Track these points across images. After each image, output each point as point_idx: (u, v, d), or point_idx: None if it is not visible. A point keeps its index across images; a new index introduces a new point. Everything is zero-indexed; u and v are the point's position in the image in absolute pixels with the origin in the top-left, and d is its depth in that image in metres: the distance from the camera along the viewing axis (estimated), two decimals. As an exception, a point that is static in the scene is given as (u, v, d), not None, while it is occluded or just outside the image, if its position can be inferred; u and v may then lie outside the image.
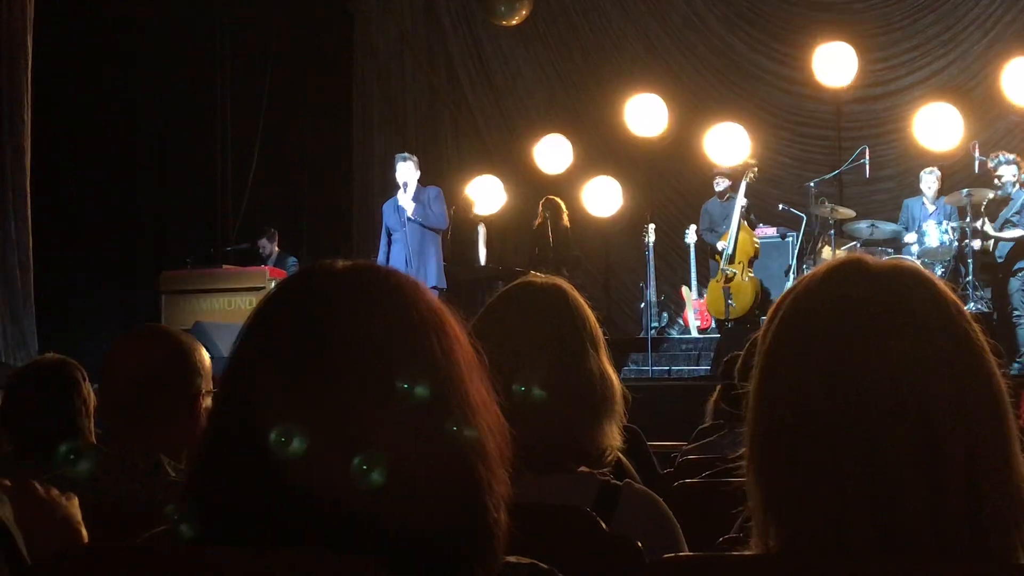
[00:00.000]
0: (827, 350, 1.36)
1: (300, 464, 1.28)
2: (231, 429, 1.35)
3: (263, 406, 1.30)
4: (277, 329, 1.38)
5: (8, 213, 9.87)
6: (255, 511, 1.30)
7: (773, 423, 1.38)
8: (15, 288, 9.87)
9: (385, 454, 1.27)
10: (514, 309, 2.30)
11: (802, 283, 1.45)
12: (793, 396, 1.36)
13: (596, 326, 2.30)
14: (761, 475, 1.39)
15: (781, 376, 1.39)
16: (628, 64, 14.05)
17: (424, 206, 10.26)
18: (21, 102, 9.97)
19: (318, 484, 1.28)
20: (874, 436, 1.31)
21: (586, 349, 2.24)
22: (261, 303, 1.43)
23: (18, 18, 9.95)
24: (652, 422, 6.07)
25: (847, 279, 1.41)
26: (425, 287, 1.44)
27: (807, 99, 13.55)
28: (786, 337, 1.41)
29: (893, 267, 1.42)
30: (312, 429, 1.27)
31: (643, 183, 13.10)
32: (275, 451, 1.28)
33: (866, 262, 1.43)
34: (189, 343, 2.72)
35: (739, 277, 11.36)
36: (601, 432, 2.22)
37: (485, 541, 1.34)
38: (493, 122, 14.72)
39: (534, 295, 2.32)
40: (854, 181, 12.59)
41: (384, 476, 1.26)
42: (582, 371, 2.21)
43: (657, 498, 2.25)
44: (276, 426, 1.28)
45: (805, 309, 1.42)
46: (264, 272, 11.21)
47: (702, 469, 3.34)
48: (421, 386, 1.31)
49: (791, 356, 1.39)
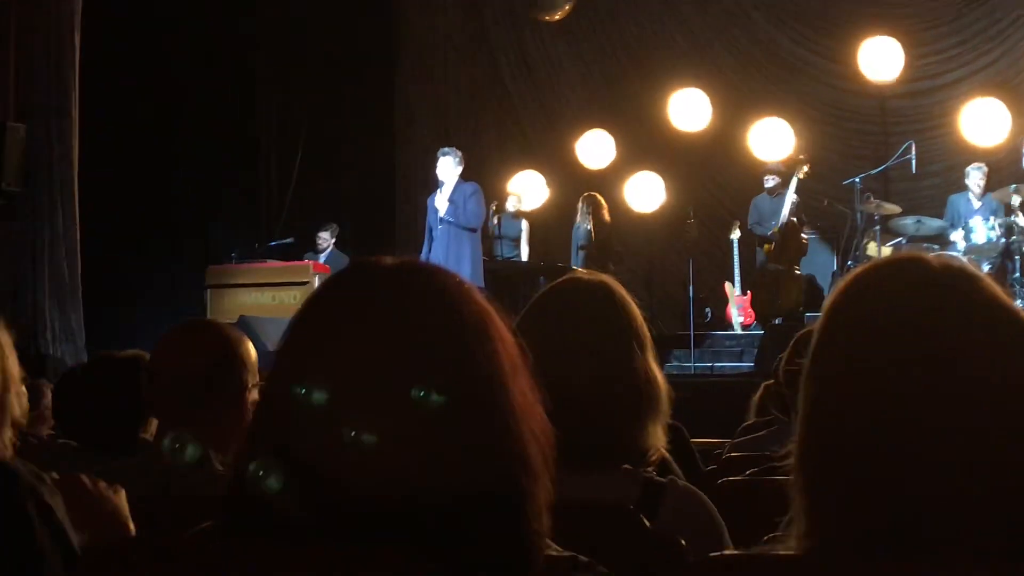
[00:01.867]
0: (883, 348, 1.34)
1: (341, 459, 1.29)
2: (276, 423, 1.36)
3: (308, 400, 1.30)
4: (322, 325, 1.39)
5: (56, 208, 9.97)
6: (300, 502, 1.31)
7: (824, 420, 1.37)
8: (63, 282, 9.97)
9: (422, 456, 1.28)
10: (559, 307, 2.28)
11: (858, 279, 1.43)
12: (845, 390, 1.35)
13: (643, 325, 2.27)
14: (808, 472, 1.38)
15: (834, 373, 1.37)
16: (671, 59, 13.99)
17: (457, 205, 10.25)
18: (69, 97, 10.08)
19: (359, 480, 1.29)
20: (928, 433, 1.30)
21: (631, 349, 2.21)
22: (309, 298, 1.43)
23: (66, 15, 10.05)
24: (695, 419, 6.04)
25: (905, 273, 1.40)
26: (473, 287, 1.43)
27: (852, 94, 13.44)
28: (840, 334, 1.40)
29: (949, 263, 1.40)
30: (353, 423, 1.28)
31: (686, 178, 13.06)
32: (318, 446, 1.29)
33: (926, 260, 1.41)
34: (236, 337, 2.72)
35: (786, 274, 11.31)
36: (644, 433, 2.20)
37: (524, 550, 1.34)
38: (535, 117, 14.71)
39: (580, 293, 2.29)
40: (900, 177, 12.48)
41: (418, 478, 1.27)
42: (626, 371, 2.18)
43: (702, 495, 2.23)
44: (319, 421, 1.29)
45: (861, 305, 1.40)
46: (308, 267, 11.26)
47: (746, 466, 3.32)
48: (459, 391, 1.31)
49: (845, 353, 1.37)
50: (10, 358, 1.76)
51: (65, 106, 10.05)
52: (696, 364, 11.14)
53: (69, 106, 10.07)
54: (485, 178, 11.79)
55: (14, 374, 1.77)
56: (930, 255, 1.43)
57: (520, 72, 14.73)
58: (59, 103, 10.03)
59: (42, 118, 9.97)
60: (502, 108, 14.79)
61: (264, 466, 1.29)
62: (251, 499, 1.32)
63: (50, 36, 10.00)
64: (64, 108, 10.05)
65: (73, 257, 10.08)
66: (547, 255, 12.70)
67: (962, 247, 10.80)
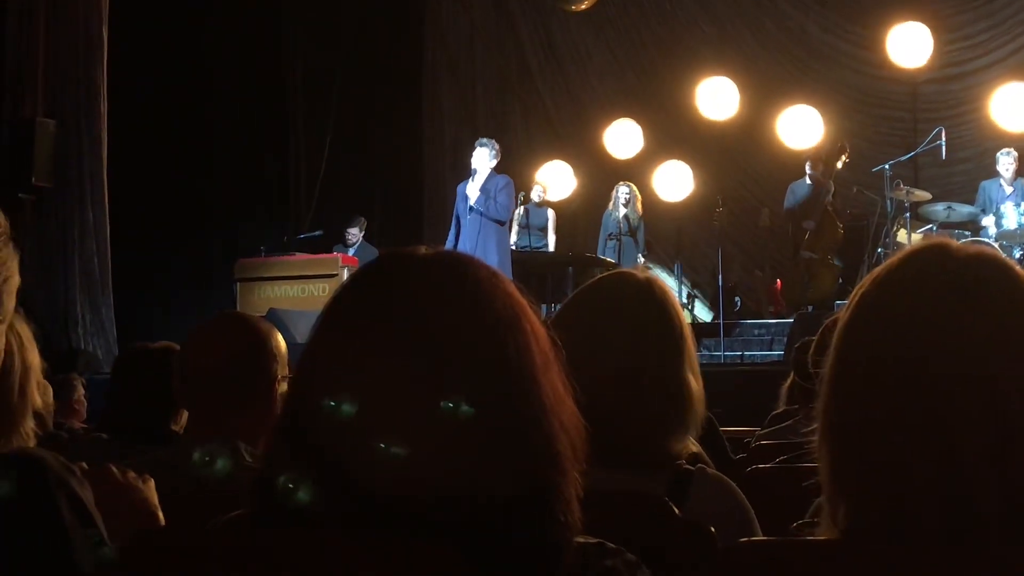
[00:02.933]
0: (906, 332, 1.34)
1: (369, 452, 1.28)
2: (305, 415, 1.36)
3: (336, 393, 1.30)
4: (353, 316, 1.39)
5: (86, 202, 10.04)
6: (327, 496, 1.31)
7: (847, 403, 1.36)
8: (93, 276, 10.04)
9: (452, 450, 1.28)
10: (599, 305, 2.22)
11: (885, 266, 1.44)
12: (869, 377, 1.35)
13: (684, 331, 2.21)
14: (832, 454, 1.37)
15: (858, 356, 1.37)
16: (699, 47, 13.95)
17: (488, 196, 10.25)
18: (98, 93, 10.14)
19: (389, 474, 1.29)
20: (950, 420, 1.29)
21: (664, 353, 2.16)
22: (340, 288, 1.43)
23: (94, 10, 10.11)
24: (725, 408, 6.03)
25: (929, 261, 1.39)
26: (507, 280, 1.42)
27: (882, 80, 13.37)
28: (865, 318, 1.40)
29: (976, 252, 1.39)
30: (380, 419, 1.28)
31: (714, 167, 13.02)
32: (350, 439, 1.29)
33: (949, 246, 1.41)
34: (266, 329, 2.72)
35: (820, 262, 11.27)
36: (668, 441, 2.16)
37: (553, 543, 1.33)
38: (563, 108, 14.70)
39: (622, 289, 2.23)
40: (930, 163, 12.40)
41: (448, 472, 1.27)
42: (656, 377, 2.13)
43: (731, 483, 2.22)
44: (351, 416, 1.29)
45: (886, 291, 1.40)
46: (336, 259, 11.28)
47: (775, 454, 3.31)
48: (490, 384, 1.31)
49: (869, 336, 1.37)
50: (31, 350, 1.78)
51: (94, 101, 10.12)
52: (726, 353, 11.12)
53: (98, 101, 10.13)
54: (513, 169, 11.78)
55: (35, 365, 1.79)
56: (959, 242, 1.42)
57: (547, 62, 14.72)
58: (88, 98, 10.09)
59: (72, 114, 10.04)
60: (530, 99, 14.79)
61: (294, 479, 1.30)
62: (279, 492, 1.33)
63: (78, 31, 10.06)
64: (93, 103, 10.11)
65: (104, 252, 10.14)
66: (575, 245, 12.69)
67: (993, 233, 10.72)
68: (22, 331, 1.76)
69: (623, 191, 11.91)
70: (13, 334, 1.73)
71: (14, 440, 1.74)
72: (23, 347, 1.76)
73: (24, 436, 1.75)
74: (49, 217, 9.91)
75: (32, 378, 1.78)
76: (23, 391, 1.76)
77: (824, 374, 1.41)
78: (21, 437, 1.75)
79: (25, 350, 1.76)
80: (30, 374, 1.77)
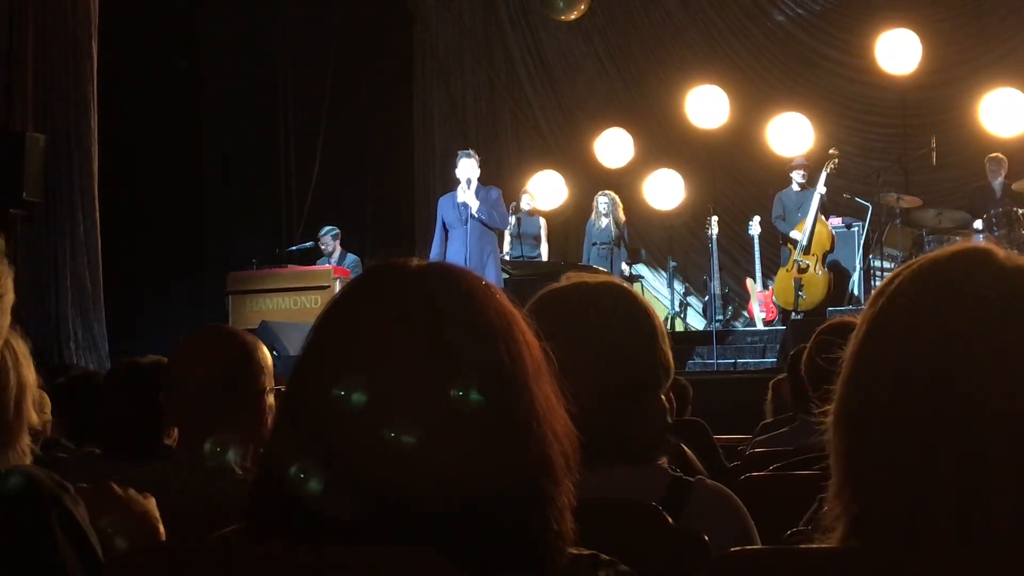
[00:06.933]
0: (939, 336, 1.31)
1: (364, 461, 1.29)
2: (300, 425, 1.36)
3: (329, 403, 1.31)
4: (346, 327, 1.39)
5: (77, 217, 10.01)
6: (324, 506, 1.31)
7: (867, 403, 1.34)
8: (85, 291, 10.02)
9: (446, 459, 1.28)
10: (570, 311, 2.10)
11: (919, 265, 1.39)
12: (893, 378, 1.32)
13: (654, 320, 2.14)
14: (849, 451, 1.35)
15: (882, 357, 1.34)
16: (688, 55, 13.99)
17: (489, 206, 10.25)
18: (88, 106, 10.11)
19: (382, 481, 1.29)
20: (974, 430, 1.27)
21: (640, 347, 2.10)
22: (333, 300, 1.43)
23: (83, 23, 10.10)
24: (718, 415, 6.04)
25: (976, 265, 1.35)
26: (498, 290, 1.43)
27: (871, 87, 13.40)
28: (900, 314, 1.36)
29: (1021, 264, 1.36)
30: (376, 429, 1.28)
31: (705, 175, 13.03)
32: (341, 448, 1.29)
33: (996, 253, 1.37)
34: (252, 341, 2.74)
35: (812, 269, 11.27)
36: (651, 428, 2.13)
37: (545, 552, 1.34)
38: (553, 117, 14.72)
39: (584, 295, 2.14)
40: (920, 169, 12.44)
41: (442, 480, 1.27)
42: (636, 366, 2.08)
43: (731, 494, 2.19)
44: (341, 424, 1.29)
45: (926, 290, 1.36)
46: (329, 271, 11.28)
47: (770, 462, 3.32)
48: (483, 394, 1.31)
49: (904, 334, 1.33)
50: (27, 367, 1.78)
51: (84, 115, 10.09)
52: (719, 361, 11.12)
53: (88, 115, 10.11)
54: (504, 179, 11.81)
55: (31, 383, 1.79)
56: (1004, 251, 1.38)
57: (537, 72, 14.75)
58: (78, 112, 10.07)
59: (62, 128, 10.02)
60: (520, 109, 14.81)
61: (305, 469, 1.30)
62: (276, 502, 1.33)
63: (67, 45, 10.04)
64: (83, 117, 10.09)
65: (95, 266, 10.12)
66: (567, 254, 12.70)
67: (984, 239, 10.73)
68: (18, 348, 1.76)
69: (602, 200, 11.98)
70: (9, 351, 1.73)
71: (10, 457, 1.73)
72: (19, 364, 1.76)
73: (20, 453, 1.75)
74: (40, 232, 9.88)
75: (28, 395, 1.78)
76: (19, 408, 1.76)
77: (845, 368, 1.37)
78: (17, 454, 1.75)
79: (21, 367, 1.76)
80: (26, 391, 1.77)
